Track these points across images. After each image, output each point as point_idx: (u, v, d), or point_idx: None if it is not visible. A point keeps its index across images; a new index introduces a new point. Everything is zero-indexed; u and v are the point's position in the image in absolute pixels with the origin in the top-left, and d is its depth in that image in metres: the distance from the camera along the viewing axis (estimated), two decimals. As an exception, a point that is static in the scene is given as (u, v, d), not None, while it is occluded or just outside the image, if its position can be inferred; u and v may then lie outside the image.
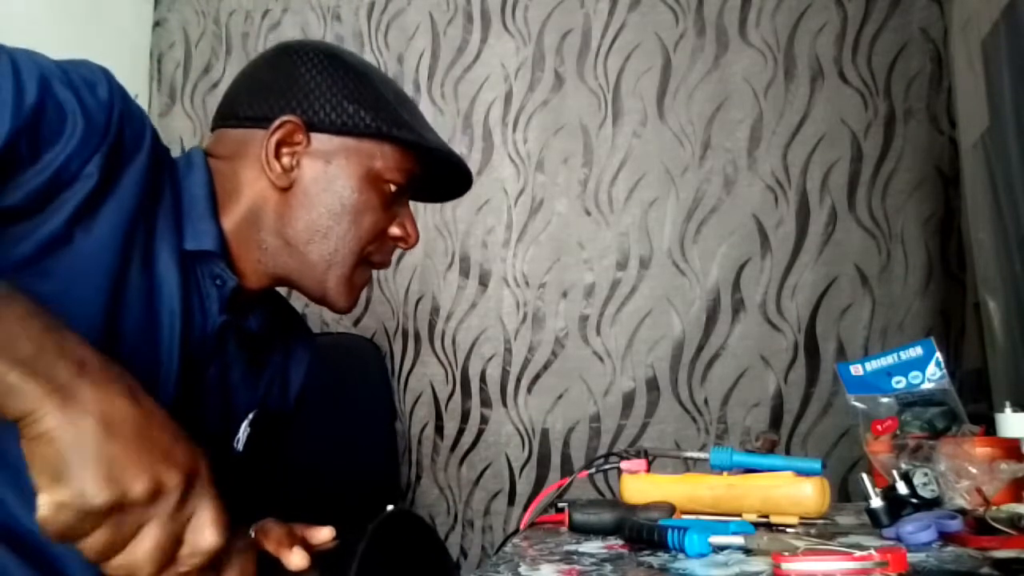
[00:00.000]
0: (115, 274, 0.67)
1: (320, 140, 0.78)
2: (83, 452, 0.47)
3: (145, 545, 0.49)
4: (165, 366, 0.72)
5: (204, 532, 0.51)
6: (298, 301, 1.96)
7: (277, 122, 0.76)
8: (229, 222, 0.78)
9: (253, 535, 0.68)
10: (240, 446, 0.85)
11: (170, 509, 0.50)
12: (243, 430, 0.85)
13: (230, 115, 0.80)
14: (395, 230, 0.83)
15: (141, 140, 0.69)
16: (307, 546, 0.66)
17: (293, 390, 0.96)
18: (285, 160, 0.77)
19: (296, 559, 0.64)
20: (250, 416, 0.86)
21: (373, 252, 0.83)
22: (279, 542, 0.66)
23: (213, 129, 0.83)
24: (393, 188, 0.81)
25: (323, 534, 0.69)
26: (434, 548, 0.69)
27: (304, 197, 0.78)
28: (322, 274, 0.80)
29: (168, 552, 0.50)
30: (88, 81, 0.64)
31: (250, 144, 0.77)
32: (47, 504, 0.46)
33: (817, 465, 0.84)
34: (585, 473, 1.00)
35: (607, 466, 0.97)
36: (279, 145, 0.77)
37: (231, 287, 0.77)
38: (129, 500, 0.48)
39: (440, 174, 0.87)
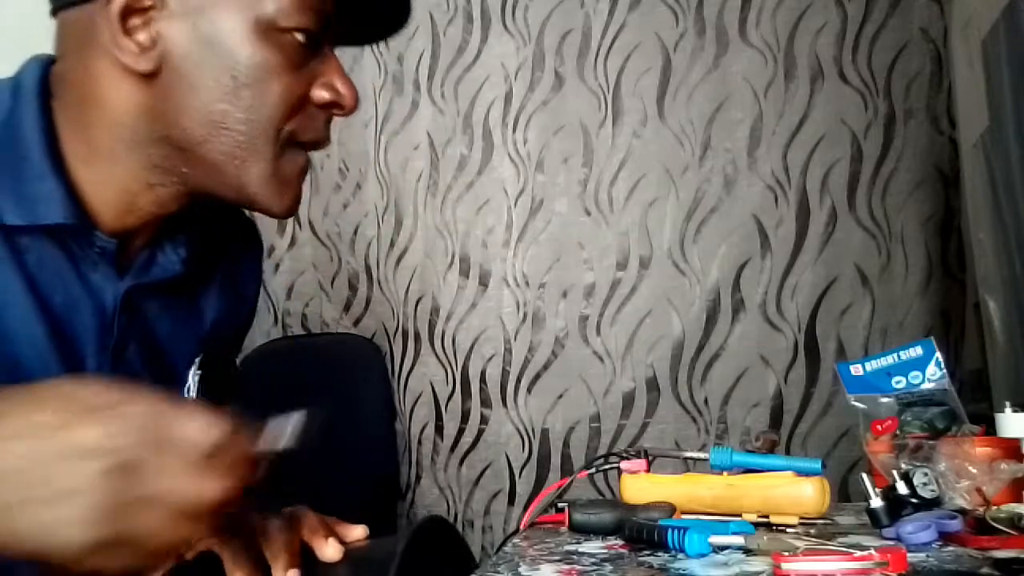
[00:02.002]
0: None
1: None
2: None
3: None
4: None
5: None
6: (300, 301, 1.96)
7: None
8: (89, 152, 0.59)
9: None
10: (193, 393, 0.72)
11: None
12: (192, 377, 0.72)
13: None
14: (320, 92, 0.61)
15: None
16: (339, 541, 0.64)
17: (248, 305, 0.80)
18: (140, 35, 0.56)
19: (330, 550, 0.61)
20: (197, 361, 0.72)
21: (298, 130, 0.61)
22: (313, 531, 0.62)
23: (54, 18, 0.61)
24: (301, 38, 0.58)
25: (356, 532, 0.66)
26: (466, 559, 0.70)
27: (179, 79, 0.57)
28: (236, 175, 0.60)
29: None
30: None
31: (93, 28, 0.56)
32: None
33: (817, 465, 0.84)
34: (585, 473, 1.00)
35: (607, 466, 0.97)
36: (125, 14, 0.56)
37: (112, 251, 0.61)
38: None
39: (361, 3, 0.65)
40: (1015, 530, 0.68)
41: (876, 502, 0.75)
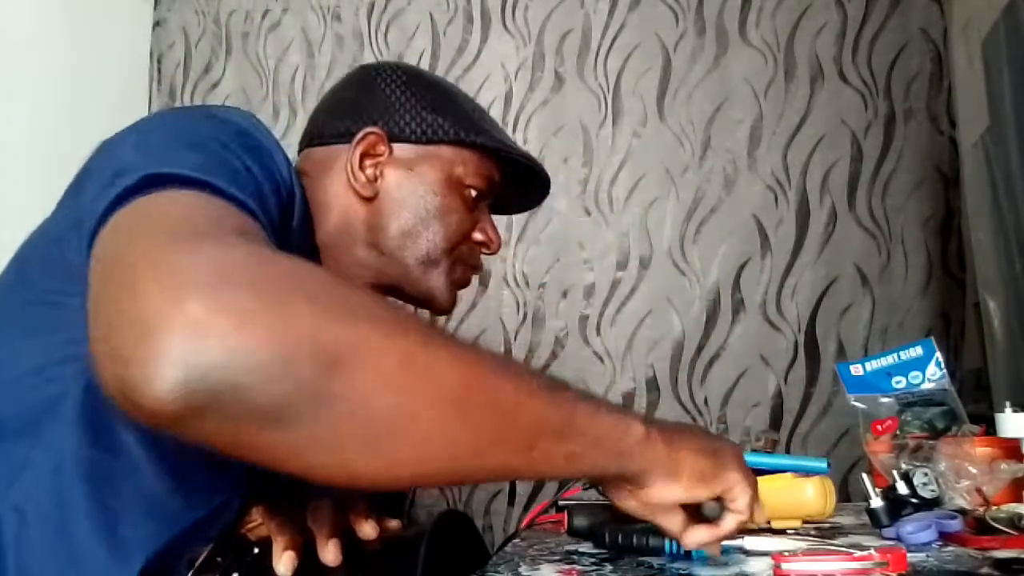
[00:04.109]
0: None
1: (402, 150, 0.82)
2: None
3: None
4: None
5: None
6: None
7: (360, 135, 0.80)
8: (322, 236, 0.81)
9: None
10: None
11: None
12: None
13: (315, 135, 0.85)
14: (478, 235, 0.87)
15: None
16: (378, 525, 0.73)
17: None
18: (369, 171, 0.80)
19: (367, 528, 0.70)
20: None
21: (465, 254, 0.86)
22: (357, 513, 0.71)
23: (300, 151, 0.86)
24: (474, 193, 0.84)
25: (393, 524, 0.74)
26: (482, 549, 0.78)
27: (390, 204, 0.81)
28: (421, 276, 0.83)
29: None
30: None
31: (335, 160, 0.81)
32: (750, 506, 0.61)
33: (823, 464, 0.84)
34: (577, 490, 0.99)
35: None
36: (363, 157, 0.80)
37: None
38: None
39: (517, 183, 0.90)
40: (1015, 530, 0.69)
41: (876, 502, 0.75)
